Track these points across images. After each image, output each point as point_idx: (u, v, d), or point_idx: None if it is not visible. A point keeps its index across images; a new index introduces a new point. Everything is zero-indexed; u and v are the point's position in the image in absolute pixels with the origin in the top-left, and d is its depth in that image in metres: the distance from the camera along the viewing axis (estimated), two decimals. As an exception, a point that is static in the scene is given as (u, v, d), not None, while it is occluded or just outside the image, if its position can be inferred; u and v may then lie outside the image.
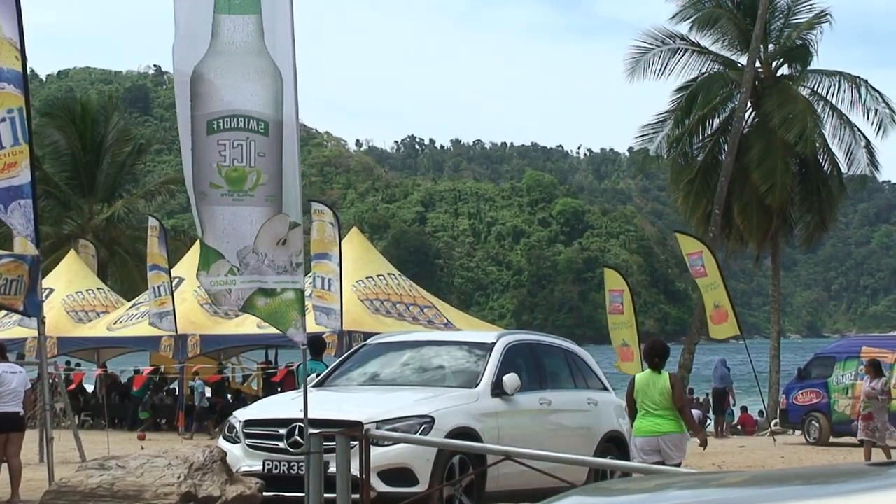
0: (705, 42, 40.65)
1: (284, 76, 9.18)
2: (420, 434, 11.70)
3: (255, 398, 24.75)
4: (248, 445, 12.36)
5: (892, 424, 22.33)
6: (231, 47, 9.10)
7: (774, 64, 40.67)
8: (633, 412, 13.38)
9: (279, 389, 22.07)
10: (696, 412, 36.66)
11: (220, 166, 9.09)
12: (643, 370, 13.81)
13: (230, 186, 9.11)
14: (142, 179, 59.74)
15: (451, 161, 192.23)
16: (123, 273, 44.98)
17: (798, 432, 28.84)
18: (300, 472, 10.61)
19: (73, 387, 33.63)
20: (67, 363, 37.77)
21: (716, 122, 40.72)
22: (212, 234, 9.21)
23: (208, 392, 32.78)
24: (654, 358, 13.40)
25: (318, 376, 17.07)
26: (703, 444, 14.78)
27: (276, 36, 9.15)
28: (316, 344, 17.60)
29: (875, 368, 21.91)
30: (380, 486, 11.13)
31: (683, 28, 40.45)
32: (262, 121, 9.14)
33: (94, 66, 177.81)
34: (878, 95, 39.58)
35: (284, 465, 11.98)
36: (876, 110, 39.51)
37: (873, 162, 40.47)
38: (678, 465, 12.87)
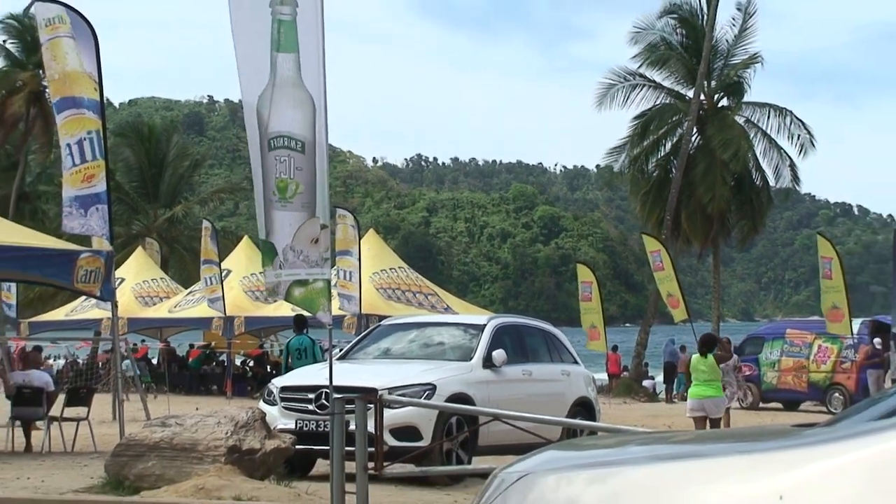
0: (659, 78, 40.78)
1: (317, 104, 9.20)
2: (424, 399, 11.72)
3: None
4: (283, 407, 12.39)
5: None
6: (281, 80, 9.14)
7: (715, 97, 40.73)
8: (688, 382, 15.90)
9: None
10: (647, 382, 36.77)
11: (276, 178, 9.16)
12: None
13: (279, 195, 9.16)
14: (197, 189, 59.69)
15: (450, 175, 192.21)
16: (182, 265, 45.02)
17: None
18: (326, 429, 10.61)
19: (138, 355, 33.71)
20: (142, 340, 37.80)
21: (668, 145, 40.86)
22: (272, 235, 9.27)
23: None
24: (703, 347, 15.79)
25: (301, 350, 17.13)
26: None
27: (309, 71, 9.17)
28: (300, 322, 17.65)
29: (727, 346, 21.18)
30: (391, 441, 11.14)
31: (642, 68, 40.63)
32: (300, 141, 9.17)
33: (158, 95, 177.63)
34: (800, 123, 39.88)
35: (313, 424, 12.01)
36: (798, 135, 39.79)
37: (796, 177, 40.67)
38: (718, 419, 15.42)
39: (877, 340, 24.57)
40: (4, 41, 44.11)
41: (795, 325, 30.25)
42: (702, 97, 39.21)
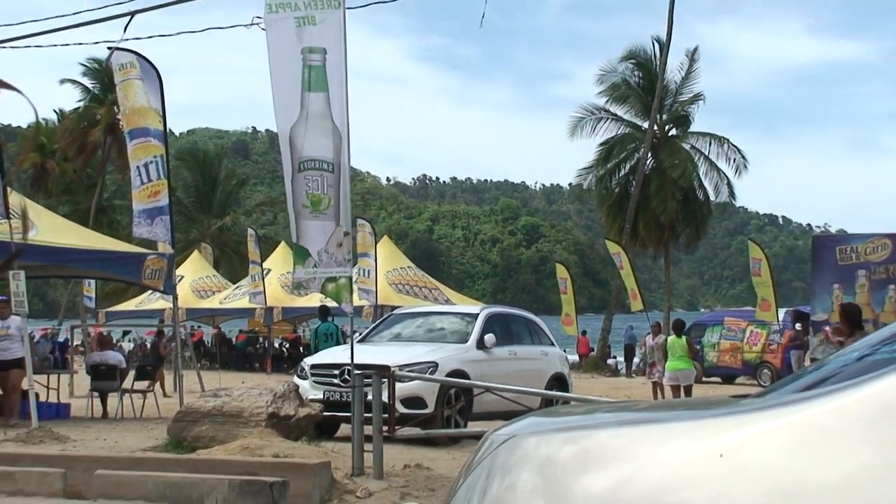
0: (620, 112, 40.87)
1: (342, 134, 9.21)
2: (428, 374, 11.72)
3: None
4: (313, 381, 12.39)
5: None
6: (311, 114, 9.15)
7: (666, 127, 40.78)
8: (665, 357, 16.16)
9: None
10: (610, 361, 36.74)
11: (307, 193, 9.15)
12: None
13: (313, 207, 9.16)
14: (242, 203, 59.69)
15: (450, 191, 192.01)
16: (230, 265, 45.04)
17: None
18: (348, 399, 10.62)
19: (195, 339, 33.72)
20: (198, 326, 37.68)
21: (627, 167, 40.88)
22: (304, 240, 9.27)
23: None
24: (677, 329, 16.33)
25: (327, 334, 17.11)
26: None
27: (336, 107, 9.17)
28: (324, 311, 17.64)
29: (658, 328, 20.46)
30: (401, 408, 11.15)
31: (606, 103, 40.76)
32: (330, 163, 9.18)
33: (211, 126, 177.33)
34: (736, 149, 40.07)
35: (338, 395, 12.01)
36: (734, 159, 39.98)
37: (732, 193, 40.78)
38: (689, 386, 15.84)
39: (798, 326, 24.56)
40: (93, 86, 44.17)
41: (732, 314, 30.24)
42: (655, 128, 39.25)
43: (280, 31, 9.25)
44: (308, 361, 13.02)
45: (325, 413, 11.22)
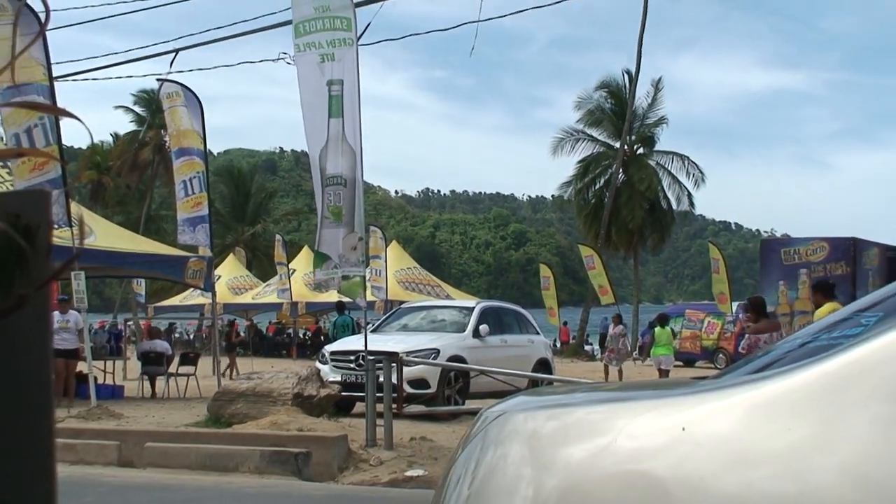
0: (595, 134, 40.94)
1: (356, 153, 9.22)
2: (431, 359, 11.71)
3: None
4: (332, 366, 12.38)
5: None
6: (333, 137, 9.19)
7: (635, 147, 40.81)
8: (651, 344, 16.65)
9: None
10: (588, 347, 36.70)
11: (328, 205, 9.18)
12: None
13: (333, 217, 9.19)
14: (271, 213, 59.69)
15: (449, 202, 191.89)
16: (261, 266, 45.02)
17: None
18: (362, 381, 10.62)
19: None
20: (234, 319, 37.63)
21: (601, 181, 40.92)
22: (325, 246, 9.29)
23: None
24: (662, 321, 16.68)
25: (344, 325, 17.06)
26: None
27: (350, 129, 9.19)
28: (340, 306, 17.61)
29: (618, 319, 20.63)
30: (408, 389, 11.15)
31: (584, 126, 40.81)
32: (346, 179, 9.21)
33: (244, 146, 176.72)
34: (695, 165, 40.19)
35: (353, 377, 12.00)
36: (693, 173, 40.11)
37: (692, 203, 40.93)
38: (668, 370, 15.98)
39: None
40: (143, 112, 44.30)
41: (692, 307, 30.22)
42: (625, 147, 39.27)
43: (307, 68, 9.28)
44: (328, 349, 13.02)
45: (343, 393, 11.23)
